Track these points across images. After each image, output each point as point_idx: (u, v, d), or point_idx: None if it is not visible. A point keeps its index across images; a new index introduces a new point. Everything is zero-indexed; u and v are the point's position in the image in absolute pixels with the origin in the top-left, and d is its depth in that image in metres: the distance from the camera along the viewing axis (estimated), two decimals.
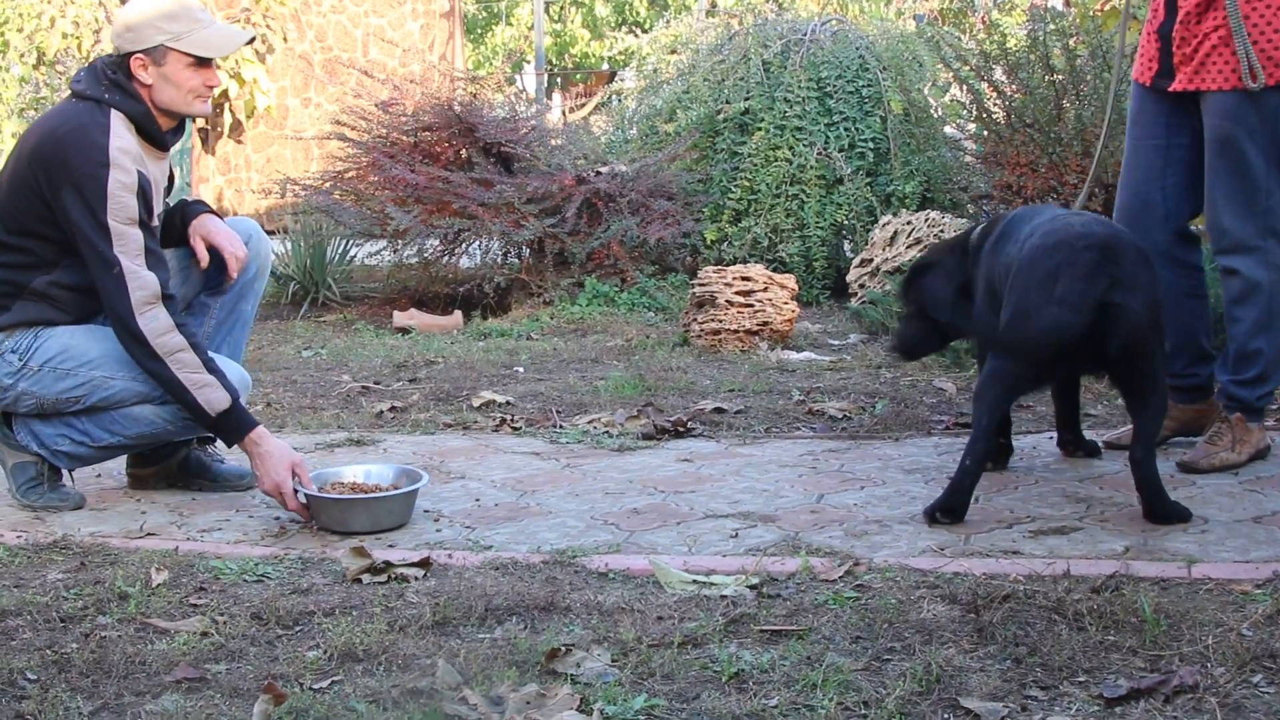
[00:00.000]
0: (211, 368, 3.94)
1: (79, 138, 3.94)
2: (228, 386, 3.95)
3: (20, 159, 4.04)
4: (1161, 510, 3.65)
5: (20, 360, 4.03)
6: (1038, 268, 3.66)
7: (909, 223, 7.71)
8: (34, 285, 4.03)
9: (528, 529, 3.82)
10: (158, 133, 4.08)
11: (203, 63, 4.05)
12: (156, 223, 4.10)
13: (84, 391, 4.03)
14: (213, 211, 4.30)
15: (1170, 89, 4.26)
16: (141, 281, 3.90)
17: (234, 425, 3.96)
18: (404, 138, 8.74)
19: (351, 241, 9.06)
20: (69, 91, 4.09)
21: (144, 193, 3.96)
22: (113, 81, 4.02)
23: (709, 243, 8.69)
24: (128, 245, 3.90)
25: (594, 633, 2.94)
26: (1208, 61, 4.14)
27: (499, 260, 8.67)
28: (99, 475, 4.51)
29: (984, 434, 3.76)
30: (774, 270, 7.53)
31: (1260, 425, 4.28)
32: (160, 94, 4.04)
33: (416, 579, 3.36)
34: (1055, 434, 4.47)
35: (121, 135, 3.96)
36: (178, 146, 4.23)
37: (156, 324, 3.90)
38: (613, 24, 25.30)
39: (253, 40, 4.41)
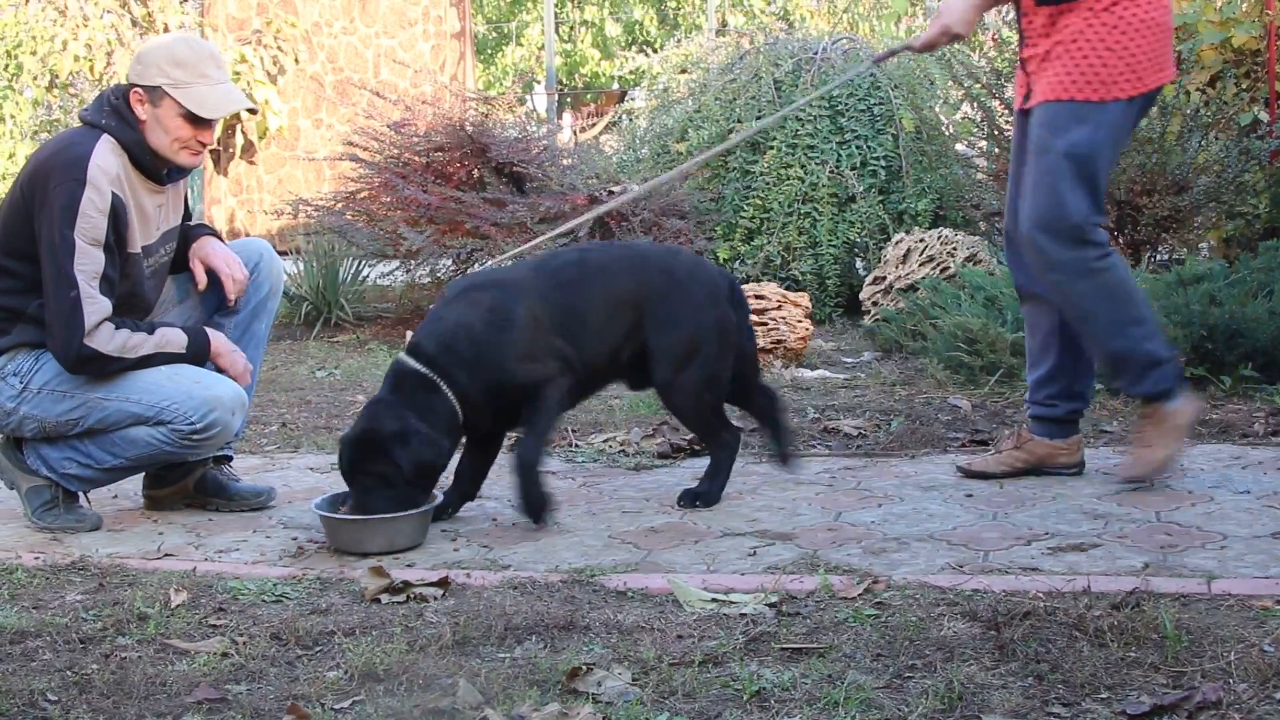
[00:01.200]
0: (145, 326, 4.05)
1: (63, 157, 3.98)
2: (167, 324, 4.12)
3: (19, 183, 4.07)
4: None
5: (21, 383, 4.05)
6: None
7: (922, 240, 7.71)
8: (31, 310, 4.05)
9: (545, 548, 3.82)
10: (150, 164, 4.07)
11: (197, 118, 4.05)
12: (136, 250, 4.08)
13: (81, 414, 4.05)
14: (215, 234, 4.31)
15: (1021, 108, 4.23)
16: (96, 306, 3.94)
17: (199, 342, 4.13)
18: (416, 158, 8.75)
19: (364, 262, 9.07)
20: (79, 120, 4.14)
21: (116, 216, 3.96)
22: (114, 108, 4.04)
23: (722, 261, 8.69)
24: (87, 265, 3.92)
25: (614, 652, 2.94)
26: (1039, 75, 4.11)
27: None
28: (115, 496, 4.51)
29: None
30: (787, 288, 7.53)
31: (1182, 400, 4.16)
32: (150, 133, 4.04)
33: (435, 598, 3.36)
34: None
35: (104, 156, 3.97)
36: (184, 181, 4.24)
37: (102, 338, 3.96)
38: (623, 44, 25.32)
39: (255, 112, 4.42)
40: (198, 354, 4.12)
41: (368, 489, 3.90)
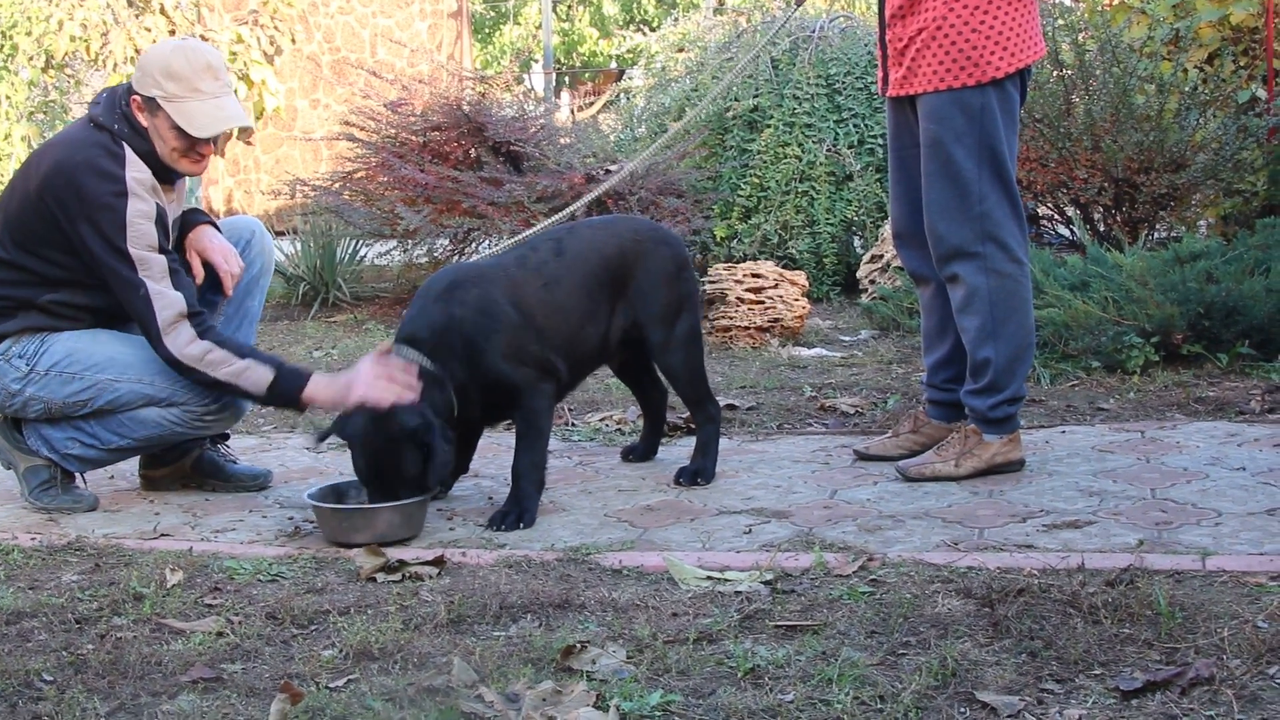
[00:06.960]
0: (243, 351, 3.96)
1: (93, 168, 3.94)
2: (264, 359, 3.95)
3: (30, 182, 4.01)
4: None
5: (27, 365, 4.05)
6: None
7: None
8: (40, 301, 4.05)
9: (541, 526, 3.82)
10: (162, 171, 4.06)
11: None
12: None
13: (91, 394, 4.05)
14: (210, 222, 4.28)
15: (888, 94, 4.20)
16: (166, 300, 3.92)
17: (289, 389, 3.93)
18: (413, 138, 8.74)
19: (361, 242, 9.06)
20: (86, 115, 4.08)
21: (162, 221, 3.98)
22: (124, 115, 4.01)
23: (719, 240, 8.69)
24: (152, 269, 3.92)
25: (609, 629, 2.95)
26: (914, 65, 4.06)
27: None
28: (112, 477, 4.52)
29: None
30: (784, 267, 7.53)
31: (1004, 439, 4.15)
32: (154, 141, 4.02)
33: (431, 577, 3.36)
34: (1062, 432, 4.45)
35: (138, 166, 3.97)
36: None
37: (179, 339, 3.92)
38: (621, 22, 25.30)
39: (251, 131, 4.37)
40: (290, 391, 3.94)
41: (390, 483, 3.77)
